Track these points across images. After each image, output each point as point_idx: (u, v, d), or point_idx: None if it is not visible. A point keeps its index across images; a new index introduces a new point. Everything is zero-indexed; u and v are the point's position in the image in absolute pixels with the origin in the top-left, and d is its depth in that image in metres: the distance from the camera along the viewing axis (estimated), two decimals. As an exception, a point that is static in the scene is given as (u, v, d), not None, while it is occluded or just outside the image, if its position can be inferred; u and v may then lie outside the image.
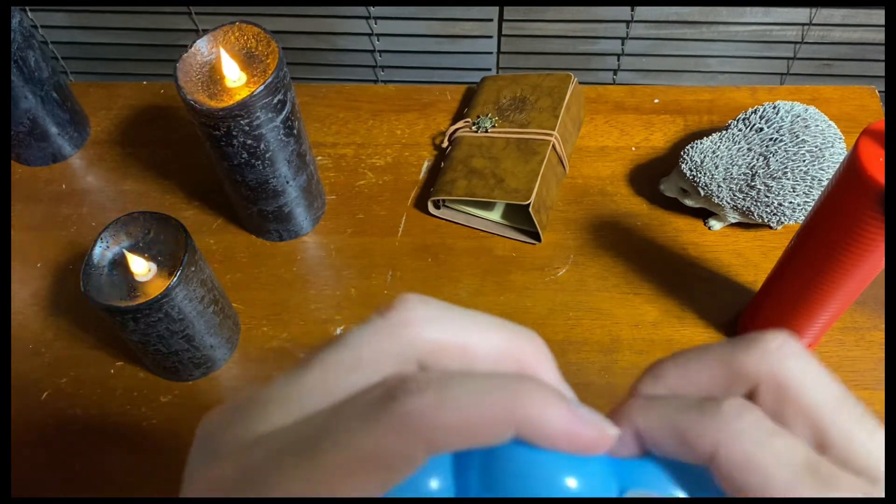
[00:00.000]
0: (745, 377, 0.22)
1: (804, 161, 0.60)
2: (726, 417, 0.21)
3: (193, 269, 0.55)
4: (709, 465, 0.21)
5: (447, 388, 0.19)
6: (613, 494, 0.22)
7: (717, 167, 0.62)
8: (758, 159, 0.61)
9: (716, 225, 0.68)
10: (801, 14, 0.80)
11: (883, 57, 0.84)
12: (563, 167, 0.71)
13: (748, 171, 0.62)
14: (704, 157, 0.63)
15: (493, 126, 0.71)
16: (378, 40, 0.86)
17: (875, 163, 0.43)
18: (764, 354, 0.22)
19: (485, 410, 0.19)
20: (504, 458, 0.21)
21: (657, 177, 0.70)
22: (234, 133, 0.57)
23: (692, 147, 0.64)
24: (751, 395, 0.22)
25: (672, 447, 0.22)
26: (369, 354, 0.20)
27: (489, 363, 0.22)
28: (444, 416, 0.19)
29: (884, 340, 0.62)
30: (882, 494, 0.20)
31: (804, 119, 0.61)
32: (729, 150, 0.62)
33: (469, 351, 0.21)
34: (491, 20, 0.83)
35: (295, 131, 0.61)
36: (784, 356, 0.22)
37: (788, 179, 0.60)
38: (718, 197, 0.63)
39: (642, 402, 0.23)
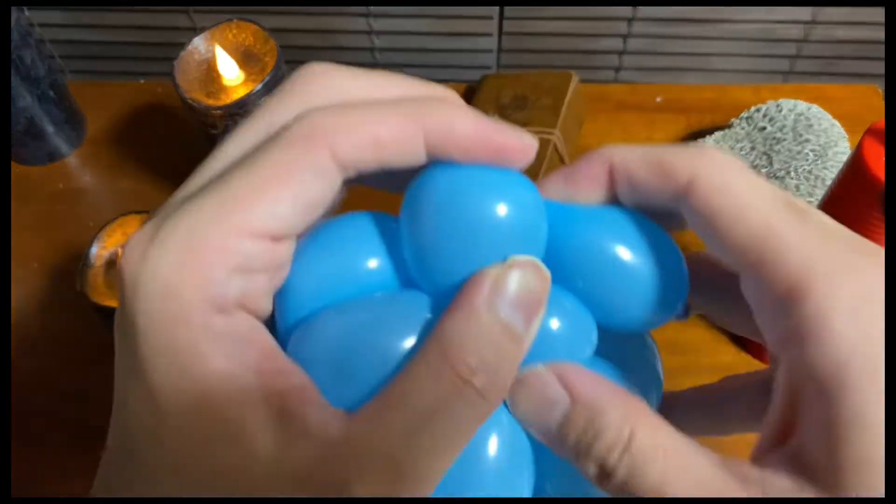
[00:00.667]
0: (675, 174, 0.22)
1: (808, 160, 0.60)
2: (705, 151, 0.22)
3: (191, 269, 0.54)
4: (684, 195, 0.21)
5: (351, 106, 0.19)
6: (544, 234, 0.21)
7: (719, 166, 0.62)
8: (761, 158, 0.61)
9: (718, 224, 0.68)
10: (804, 12, 0.80)
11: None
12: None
13: (751, 170, 0.61)
14: (707, 155, 0.62)
15: (494, 125, 0.71)
16: (377, 38, 0.86)
17: (879, 162, 0.43)
18: (696, 155, 0.22)
19: (389, 119, 0.19)
20: (427, 189, 0.21)
21: (659, 176, 0.69)
22: (232, 132, 0.56)
23: (694, 146, 0.64)
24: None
25: (647, 177, 0.22)
26: (280, 113, 0.20)
27: None
28: (346, 124, 0.19)
29: (888, 341, 0.61)
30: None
31: (808, 118, 0.61)
32: (732, 148, 0.62)
33: (378, 96, 0.21)
34: (491, 18, 0.82)
35: (293, 130, 0.60)
36: (715, 158, 0.22)
37: (792, 178, 0.60)
38: (721, 196, 0.63)
39: (619, 144, 0.23)
